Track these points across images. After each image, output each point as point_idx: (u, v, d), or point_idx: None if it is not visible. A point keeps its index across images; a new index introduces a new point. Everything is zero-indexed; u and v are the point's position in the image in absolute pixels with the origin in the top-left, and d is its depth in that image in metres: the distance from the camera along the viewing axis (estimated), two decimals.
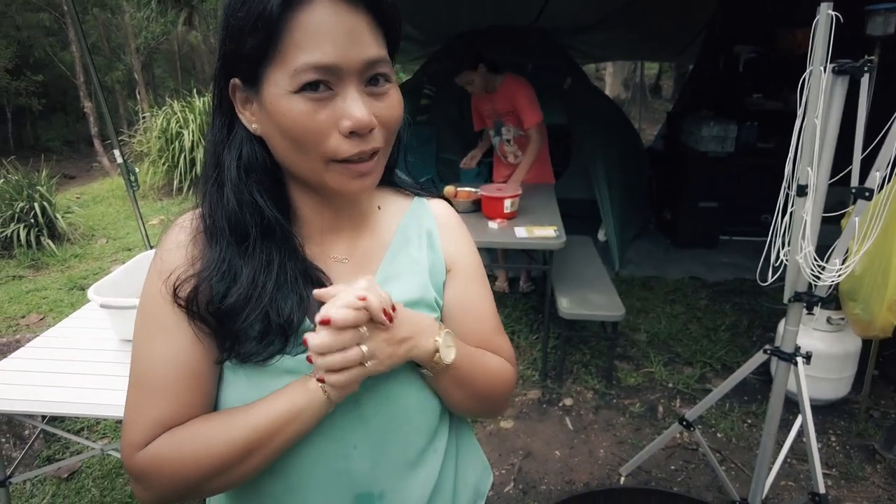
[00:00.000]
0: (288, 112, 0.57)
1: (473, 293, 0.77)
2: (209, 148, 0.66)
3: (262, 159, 0.63)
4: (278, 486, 0.67)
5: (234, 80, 0.61)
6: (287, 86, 0.56)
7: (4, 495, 1.72)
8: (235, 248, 0.62)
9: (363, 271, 0.70)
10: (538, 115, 3.20)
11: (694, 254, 4.44)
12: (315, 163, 0.59)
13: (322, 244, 0.69)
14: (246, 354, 0.61)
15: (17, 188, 5.09)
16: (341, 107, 0.57)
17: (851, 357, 2.50)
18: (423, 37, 5.11)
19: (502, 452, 2.39)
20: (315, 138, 0.57)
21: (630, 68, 11.07)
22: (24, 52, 11.42)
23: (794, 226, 1.56)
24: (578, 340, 3.19)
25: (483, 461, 0.91)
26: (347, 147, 0.58)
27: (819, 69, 1.46)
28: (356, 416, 0.66)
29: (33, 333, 3.13)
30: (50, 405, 1.50)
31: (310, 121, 0.57)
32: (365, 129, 0.58)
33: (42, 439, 2.40)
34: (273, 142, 0.61)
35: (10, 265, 4.73)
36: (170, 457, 0.60)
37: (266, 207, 0.62)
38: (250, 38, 0.56)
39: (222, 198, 0.62)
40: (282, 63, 0.56)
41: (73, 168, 10.77)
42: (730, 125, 4.30)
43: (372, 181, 0.63)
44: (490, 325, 0.78)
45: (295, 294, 0.62)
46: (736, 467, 2.28)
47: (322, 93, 0.56)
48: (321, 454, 0.66)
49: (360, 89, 0.58)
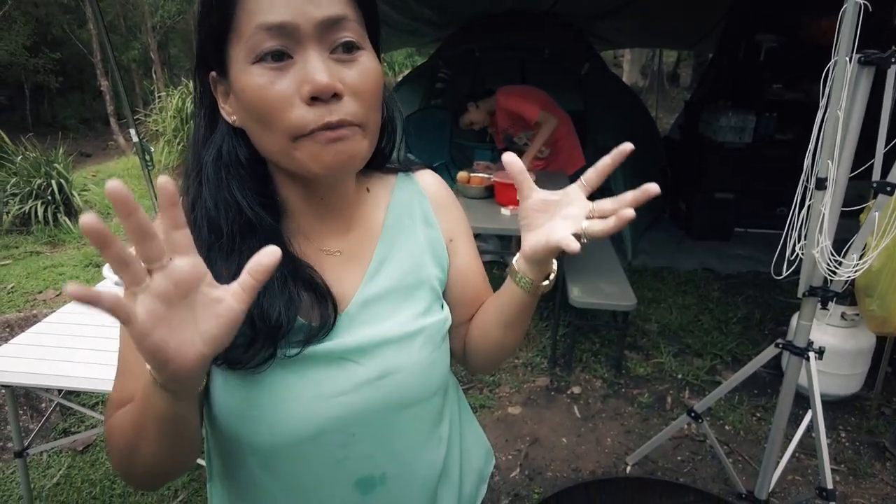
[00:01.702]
0: (247, 86, 0.54)
1: (473, 255, 0.80)
2: (190, 145, 0.64)
3: (242, 154, 0.60)
4: (276, 482, 0.66)
5: (212, 74, 0.59)
6: (245, 59, 0.54)
7: (22, 466, 1.77)
8: (217, 248, 0.59)
9: (356, 261, 0.69)
10: (535, 106, 3.23)
11: (708, 245, 4.40)
12: (282, 141, 0.55)
13: (312, 237, 0.66)
14: (233, 361, 0.58)
15: (35, 165, 5.14)
16: (301, 72, 0.53)
17: (865, 354, 2.48)
18: (440, 20, 5.06)
19: (509, 438, 2.40)
20: (276, 111, 0.53)
21: (648, 55, 10.91)
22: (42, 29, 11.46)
23: (812, 219, 1.54)
24: (589, 329, 3.19)
25: (486, 444, 0.91)
26: (312, 117, 0.53)
27: (844, 59, 1.43)
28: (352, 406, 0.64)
29: (50, 309, 3.18)
30: (66, 380, 1.54)
31: (269, 92, 0.53)
32: (326, 93, 0.53)
33: (58, 412, 2.45)
34: (247, 128, 0.58)
35: (28, 241, 4.80)
36: (113, 427, 0.59)
37: (246, 205, 0.59)
38: (209, 18, 0.55)
39: (201, 197, 0.60)
40: (238, 35, 0.54)
41: (89, 146, 10.85)
42: (748, 116, 4.23)
43: (348, 150, 0.56)
44: (486, 281, 0.82)
45: (283, 295, 0.59)
46: (743, 460, 2.28)
47: (281, 62, 0.53)
48: (318, 446, 0.64)
49: (323, 55, 0.54)
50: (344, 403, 0.63)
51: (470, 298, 0.79)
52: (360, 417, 0.65)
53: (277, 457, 0.64)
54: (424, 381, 0.69)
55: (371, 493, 0.68)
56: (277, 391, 0.61)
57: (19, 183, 5.02)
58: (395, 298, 0.69)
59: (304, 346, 0.61)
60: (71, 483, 2.13)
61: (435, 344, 0.70)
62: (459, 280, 0.77)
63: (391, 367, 0.66)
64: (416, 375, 0.68)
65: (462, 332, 0.81)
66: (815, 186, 1.52)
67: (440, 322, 0.71)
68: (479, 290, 0.80)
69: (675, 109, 9.00)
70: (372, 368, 0.65)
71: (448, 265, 0.76)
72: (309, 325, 0.62)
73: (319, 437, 0.63)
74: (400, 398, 0.67)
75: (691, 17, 5.06)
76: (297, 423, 0.62)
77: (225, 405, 0.62)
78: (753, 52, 4.61)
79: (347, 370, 0.64)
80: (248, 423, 0.61)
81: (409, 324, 0.68)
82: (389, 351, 0.66)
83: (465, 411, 0.86)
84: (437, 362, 0.71)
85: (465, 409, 0.86)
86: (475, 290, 0.79)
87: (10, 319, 2.63)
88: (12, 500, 2.06)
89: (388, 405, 0.66)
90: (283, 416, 0.61)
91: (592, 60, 4.55)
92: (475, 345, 0.80)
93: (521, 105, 3.24)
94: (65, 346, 1.67)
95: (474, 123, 3.37)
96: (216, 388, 0.62)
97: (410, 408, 0.69)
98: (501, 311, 0.72)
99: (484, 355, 0.80)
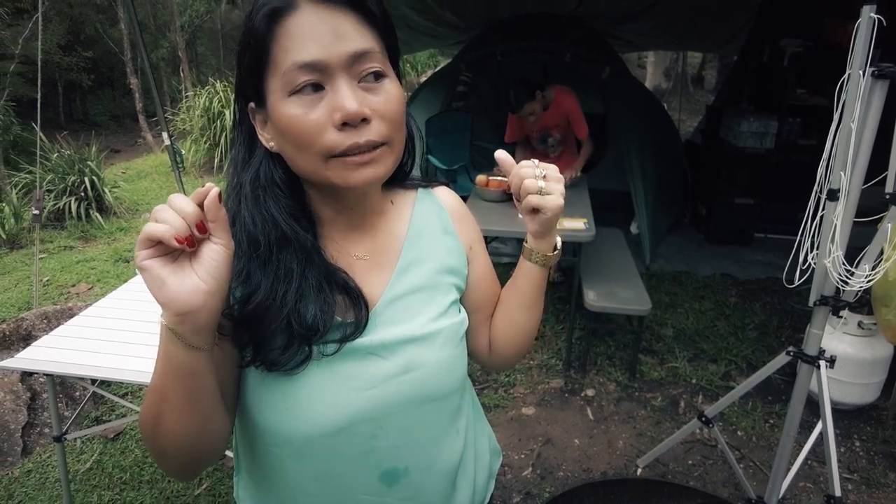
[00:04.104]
0: (284, 116, 0.60)
1: (488, 260, 0.88)
2: (231, 167, 0.71)
3: (278, 176, 0.66)
4: (306, 472, 0.70)
5: (250, 105, 0.65)
6: (281, 91, 0.60)
7: (60, 450, 1.87)
8: (256, 260, 0.64)
9: (382, 265, 0.75)
10: (585, 123, 3.31)
11: (727, 250, 4.38)
12: (315, 161, 0.62)
13: (343, 244, 0.72)
14: (270, 363, 0.64)
15: (69, 163, 5.33)
16: (332, 100, 0.60)
17: (881, 363, 2.47)
18: (462, 23, 5.10)
19: (522, 438, 2.45)
20: (311, 137, 0.60)
21: (672, 58, 10.80)
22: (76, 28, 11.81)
23: (824, 229, 1.55)
24: (604, 332, 3.21)
25: (494, 444, 0.97)
26: (341, 139, 0.60)
27: (858, 73, 1.44)
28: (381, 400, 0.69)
29: (83, 302, 3.31)
30: (99, 370, 1.63)
31: (304, 121, 0.60)
32: (356, 119, 0.59)
33: (91, 401, 2.57)
34: (284, 152, 0.64)
35: (61, 236, 4.98)
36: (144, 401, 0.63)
37: (281, 220, 0.64)
38: (247, 54, 0.61)
39: (240, 213, 0.65)
40: (275, 71, 0.60)
41: (119, 142, 11.15)
42: (770, 121, 4.20)
43: (374, 172, 0.63)
44: (498, 283, 0.90)
45: (320, 299, 0.65)
46: (754, 466, 2.29)
47: (315, 94, 0.60)
48: (348, 437, 0.68)
49: (352, 84, 0.61)
50: (373, 397, 0.69)
51: (489, 298, 0.87)
52: (388, 410, 0.70)
53: (309, 447, 0.68)
54: (445, 377, 0.75)
55: (395, 485, 0.74)
56: (312, 385, 0.66)
57: (55, 180, 5.21)
58: (417, 300, 0.75)
59: (342, 344, 0.67)
60: (103, 468, 2.24)
61: (454, 344, 0.76)
62: (479, 283, 0.85)
63: (414, 363, 0.71)
64: (437, 372, 0.73)
65: (485, 331, 0.88)
66: (828, 197, 1.53)
67: (458, 324, 0.78)
68: (496, 291, 0.89)
69: (699, 112, 8.92)
70: (397, 363, 0.70)
71: (467, 271, 0.83)
72: (345, 323, 0.67)
73: (350, 427, 0.68)
74: (423, 393, 0.72)
75: (715, 20, 5.03)
76: (331, 415, 0.67)
77: (259, 399, 0.67)
78: (778, 56, 4.57)
79: (375, 365, 0.69)
80: (283, 414, 0.66)
81: (430, 324, 0.74)
82: (412, 348, 0.71)
83: (477, 410, 0.92)
84: (456, 361, 0.77)
85: (476, 409, 0.92)
86: (493, 292, 0.88)
87: (48, 312, 2.76)
88: (49, 481, 2.18)
89: (412, 399, 0.71)
90: (318, 408, 0.66)
91: (613, 64, 4.56)
92: (501, 335, 0.87)
93: (578, 114, 3.29)
94: (99, 339, 1.77)
95: (533, 115, 3.26)
96: (250, 383, 0.68)
97: (433, 402, 0.74)
98: (520, 293, 0.83)
99: (509, 343, 0.87)
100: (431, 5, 4.48)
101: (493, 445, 0.96)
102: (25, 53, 7.65)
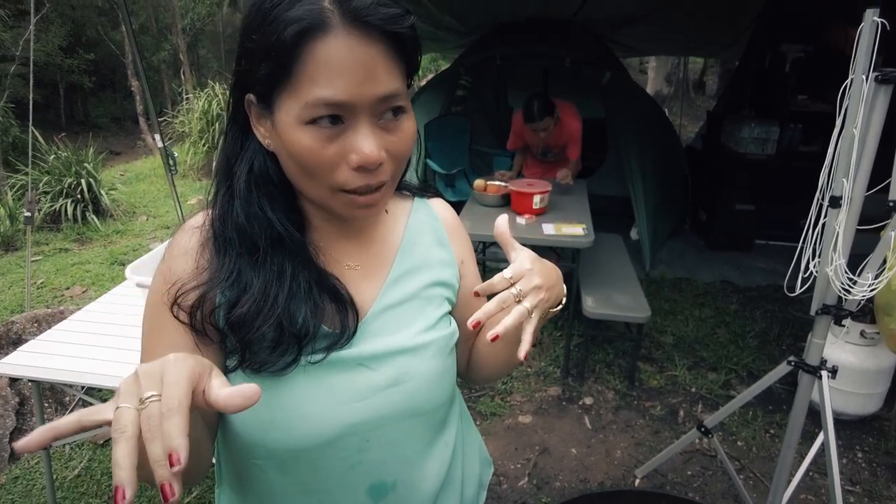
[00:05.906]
0: (297, 142, 0.57)
1: (478, 275, 0.85)
2: (222, 158, 0.66)
3: (273, 172, 0.64)
4: (291, 486, 0.68)
5: (249, 96, 0.61)
6: (298, 116, 0.56)
7: (45, 457, 1.84)
8: (247, 258, 0.62)
9: (374, 275, 0.72)
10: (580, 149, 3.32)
11: (727, 257, 4.35)
12: (322, 190, 0.60)
13: (335, 253, 0.70)
14: (259, 363, 0.61)
15: (66, 165, 5.31)
16: (351, 140, 0.57)
17: (885, 373, 2.43)
18: (462, 27, 5.09)
19: (519, 447, 2.41)
20: (323, 171, 0.58)
21: (673, 63, 10.80)
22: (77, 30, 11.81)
23: (826, 237, 1.52)
24: (602, 340, 3.18)
25: (485, 454, 0.94)
26: (355, 179, 0.59)
27: (861, 77, 1.42)
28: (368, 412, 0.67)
29: (76, 305, 3.28)
30: (86, 376, 1.60)
31: (319, 153, 0.57)
32: (373, 165, 0.58)
33: (81, 406, 2.53)
34: (283, 163, 0.62)
35: (57, 238, 4.95)
36: None
37: (276, 220, 0.63)
38: (264, 63, 0.56)
39: (232, 209, 0.63)
40: (293, 93, 0.55)
41: (119, 144, 11.13)
42: (771, 127, 4.17)
43: (376, 211, 0.64)
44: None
45: (309, 302, 0.63)
46: (755, 477, 2.25)
47: (333, 127, 0.56)
48: (335, 450, 0.66)
49: (373, 122, 0.58)
50: (362, 409, 0.66)
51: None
52: (376, 423, 0.68)
53: (294, 460, 0.66)
54: (434, 389, 0.72)
55: (383, 499, 0.71)
56: (298, 395, 0.63)
57: (51, 181, 5.18)
58: (408, 311, 0.72)
59: (328, 352, 0.64)
60: (91, 475, 2.20)
61: (444, 355, 0.73)
62: (468, 300, 0.81)
63: (403, 375, 0.69)
64: (426, 384, 0.71)
65: (466, 350, 0.85)
66: (830, 204, 1.50)
67: (448, 336, 0.75)
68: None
69: (700, 117, 8.91)
70: (386, 375, 0.68)
71: (459, 285, 0.80)
72: (332, 332, 0.65)
73: (337, 441, 0.66)
74: (412, 405, 0.70)
75: (717, 25, 5.01)
76: (317, 427, 0.64)
77: (244, 418, 0.64)
78: (779, 61, 4.55)
79: (364, 376, 0.67)
80: (268, 426, 0.63)
81: (420, 335, 0.71)
82: (402, 359, 0.69)
83: (467, 420, 0.89)
84: (445, 373, 0.74)
85: (466, 418, 0.89)
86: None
87: (39, 315, 2.73)
88: (36, 489, 2.14)
89: (401, 412, 0.69)
90: (303, 420, 0.64)
91: (614, 69, 4.54)
92: (482, 359, 0.83)
93: (578, 138, 3.27)
94: (88, 344, 1.74)
95: (546, 131, 3.19)
96: None
97: (421, 415, 0.72)
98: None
99: (488, 369, 0.84)
100: (431, 9, 4.46)
101: (483, 455, 0.93)
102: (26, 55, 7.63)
